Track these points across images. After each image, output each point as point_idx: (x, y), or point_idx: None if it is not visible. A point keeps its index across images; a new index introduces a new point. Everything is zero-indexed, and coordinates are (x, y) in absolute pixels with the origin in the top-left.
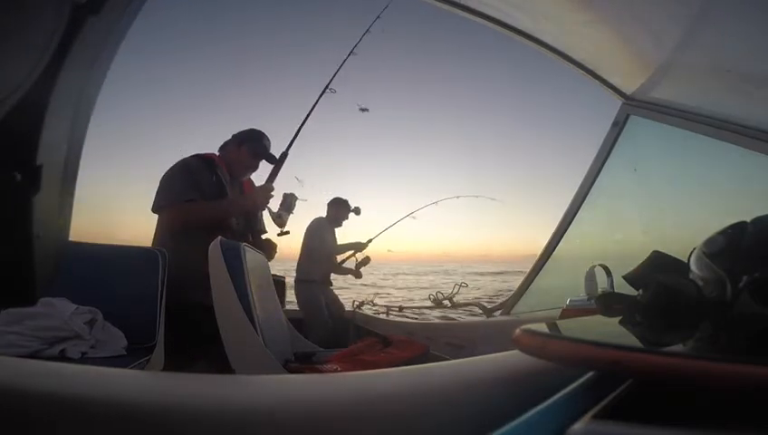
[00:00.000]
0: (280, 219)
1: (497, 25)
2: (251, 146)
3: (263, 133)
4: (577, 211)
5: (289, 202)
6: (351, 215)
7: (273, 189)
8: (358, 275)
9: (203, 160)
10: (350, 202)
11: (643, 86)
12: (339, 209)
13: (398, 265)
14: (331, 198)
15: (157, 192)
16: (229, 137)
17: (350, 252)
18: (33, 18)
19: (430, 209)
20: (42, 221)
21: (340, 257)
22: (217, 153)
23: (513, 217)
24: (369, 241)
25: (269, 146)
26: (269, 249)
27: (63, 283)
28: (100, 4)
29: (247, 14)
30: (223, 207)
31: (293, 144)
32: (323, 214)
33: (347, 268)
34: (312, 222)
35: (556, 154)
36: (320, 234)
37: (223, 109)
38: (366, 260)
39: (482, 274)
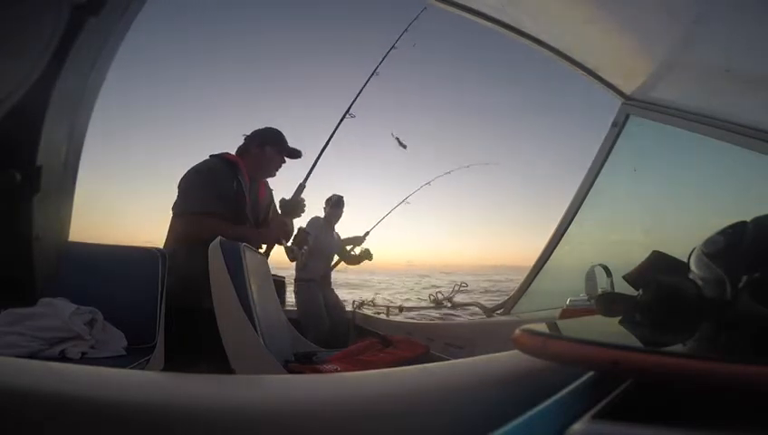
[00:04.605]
0: (291, 253)
1: (497, 25)
2: (276, 146)
3: (279, 130)
4: (577, 211)
5: (302, 238)
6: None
7: (291, 225)
8: (358, 262)
9: (227, 164)
10: (335, 194)
11: (643, 86)
12: (332, 207)
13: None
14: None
15: (180, 193)
16: (237, 137)
17: (350, 246)
18: (33, 19)
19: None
20: (41, 221)
21: (338, 254)
22: (234, 154)
23: (513, 218)
24: (367, 233)
25: (287, 141)
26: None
27: (63, 283)
28: (100, 5)
29: (250, 16)
30: (240, 234)
31: (311, 175)
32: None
33: (346, 260)
34: (309, 222)
35: (556, 154)
36: (314, 232)
37: (224, 109)
38: (367, 253)
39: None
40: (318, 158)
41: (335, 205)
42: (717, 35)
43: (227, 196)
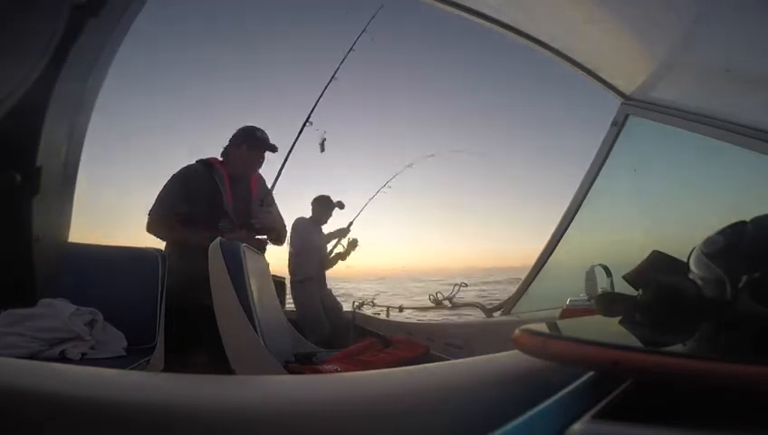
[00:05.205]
0: None
1: (496, 25)
2: (250, 144)
3: (254, 127)
4: (576, 211)
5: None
6: (336, 210)
7: (246, 237)
8: (345, 256)
9: (203, 166)
10: (331, 197)
11: (642, 86)
12: (321, 207)
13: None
14: (315, 196)
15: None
16: (227, 140)
17: (336, 240)
18: (33, 20)
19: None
20: (41, 222)
21: (327, 248)
22: (220, 159)
23: (511, 220)
24: (351, 224)
25: (265, 136)
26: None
27: (63, 283)
28: (100, 6)
29: (249, 18)
30: (200, 240)
31: (276, 185)
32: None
33: (336, 256)
34: (295, 222)
35: (555, 154)
36: (301, 233)
37: (223, 111)
38: (354, 243)
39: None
40: (280, 171)
41: (324, 205)
42: (717, 35)
43: (198, 196)
